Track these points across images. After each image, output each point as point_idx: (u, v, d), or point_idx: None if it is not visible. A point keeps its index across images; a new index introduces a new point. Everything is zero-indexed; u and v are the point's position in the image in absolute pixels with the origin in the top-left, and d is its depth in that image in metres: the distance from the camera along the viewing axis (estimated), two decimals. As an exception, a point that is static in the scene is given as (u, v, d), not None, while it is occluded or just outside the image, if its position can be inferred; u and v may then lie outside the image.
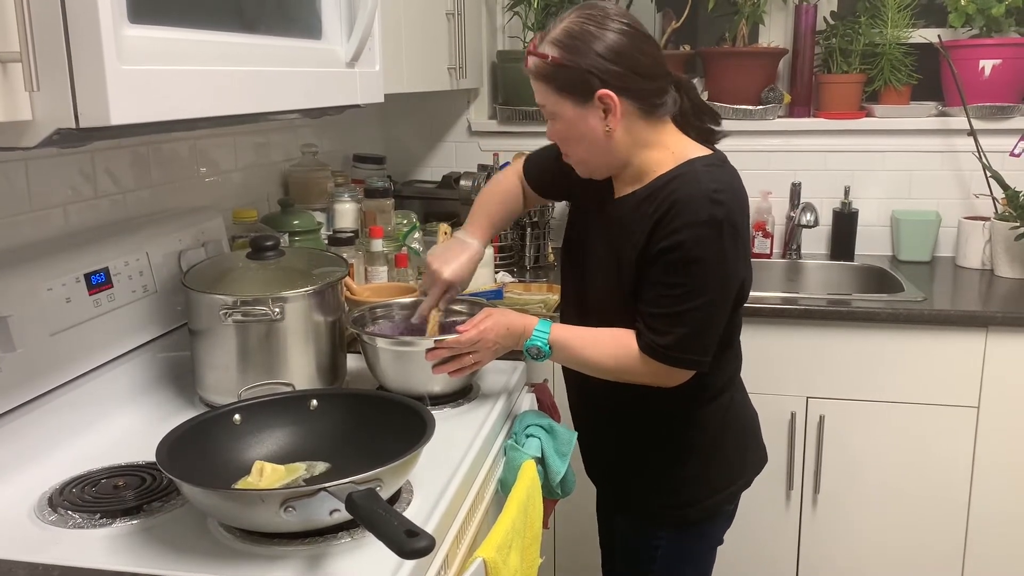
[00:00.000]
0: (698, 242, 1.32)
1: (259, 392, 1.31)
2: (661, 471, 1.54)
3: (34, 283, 1.28)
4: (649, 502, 1.57)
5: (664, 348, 1.36)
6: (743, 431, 1.59)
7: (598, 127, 1.37)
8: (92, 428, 1.37)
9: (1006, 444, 2.16)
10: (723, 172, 1.39)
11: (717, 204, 1.32)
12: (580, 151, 1.44)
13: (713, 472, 1.54)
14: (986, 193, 2.53)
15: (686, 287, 1.34)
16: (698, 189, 1.34)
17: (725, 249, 1.34)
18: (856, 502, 2.26)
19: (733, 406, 1.55)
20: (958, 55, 2.56)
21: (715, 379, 1.49)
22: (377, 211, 2.15)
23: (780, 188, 2.73)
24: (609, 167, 1.45)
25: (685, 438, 1.52)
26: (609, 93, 1.33)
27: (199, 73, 1.03)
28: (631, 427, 1.55)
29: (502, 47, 2.90)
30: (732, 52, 2.69)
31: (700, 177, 1.36)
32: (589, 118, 1.37)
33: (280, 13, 1.26)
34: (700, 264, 1.33)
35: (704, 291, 1.34)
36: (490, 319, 1.45)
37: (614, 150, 1.40)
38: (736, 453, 1.57)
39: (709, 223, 1.32)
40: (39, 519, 1.13)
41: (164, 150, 1.73)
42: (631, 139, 1.39)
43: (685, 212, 1.33)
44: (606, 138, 1.38)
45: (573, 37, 1.34)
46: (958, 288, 2.40)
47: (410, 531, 0.89)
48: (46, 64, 0.83)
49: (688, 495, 1.54)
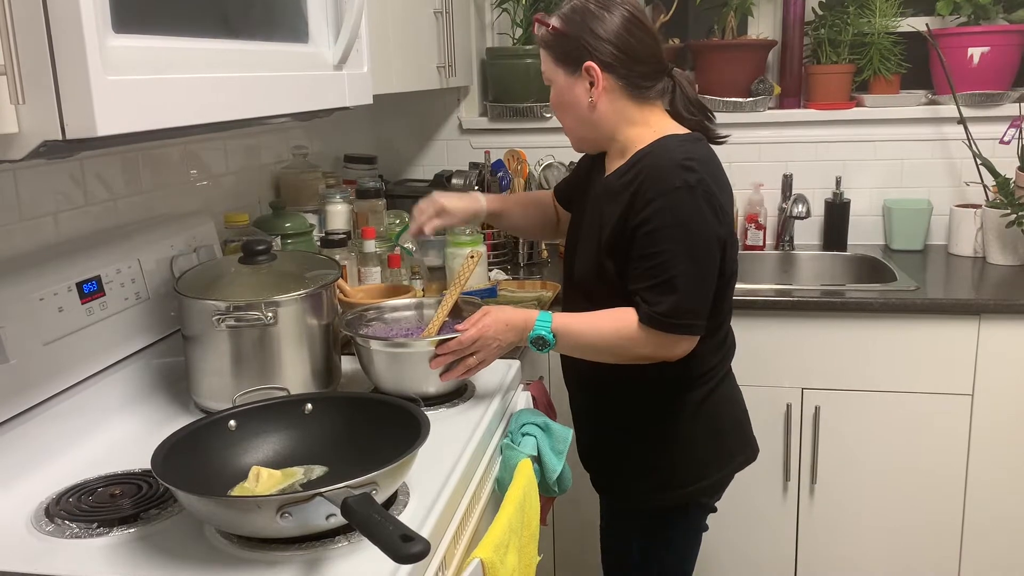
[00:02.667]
0: (673, 208, 1.38)
1: (254, 397, 1.31)
2: (639, 456, 1.58)
3: (26, 293, 1.28)
4: (627, 486, 1.61)
5: (661, 316, 1.39)
6: (724, 424, 1.60)
7: (583, 97, 1.48)
8: (88, 437, 1.37)
9: (1001, 431, 2.17)
10: (696, 146, 1.46)
11: (688, 170, 1.39)
12: (568, 119, 1.55)
13: (688, 462, 1.56)
14: (977, 181, 2.53)
15: (670, 252, 1.38)
16: (668, 159, 1.41)
17: (702, 210, 1.39)
18: (853, 492, 2.27)
19: (713, 398, 1.56)
20: (946, 43, 2.56)
21: (697, 368, 1.52)
22: (369, 212, 2.15)
23: (771, 180, 2.73)
24: (595, 140, 1.55)
25: (662, 425, 1.55)
26: (594, 66, 1.44)
27: (185, 81, 1.03)
28: (613, 411, 1.59)
29: (491, 44, 2.90)
30: (721, 44, 2.70)
31: (671, 149, 1.43)
32: (576, 88, 1.48)
33: (266, 18, 1.25)
34: (679, 228, 1.38)
35: (687, 254, 1.38)
36: (488, 316, 1.46)
37: (598, 122, 1.50)
38: (715, 445, 1.58)
39: (683, 188, 1.38)
40: (36, 529, 1.12)
41: (154, 155, 1.73)
42: (616, 115, 1.49)
43: (657, 181, 1.40)
44: (589, 109, 1.48)
45: (575, 12, 1.46)
46: (951, 276, 2.41)
47: (405, 536, 0.90)
48: (31, 76, 0.83)
49: (661, 481, 1.57)
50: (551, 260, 2.61)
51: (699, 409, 1.55)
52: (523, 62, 2.72)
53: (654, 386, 1.53)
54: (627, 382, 1.53)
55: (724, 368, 1.60)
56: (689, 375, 1.52)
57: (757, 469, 1.62)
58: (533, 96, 2.75)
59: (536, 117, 2.78)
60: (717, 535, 2.30)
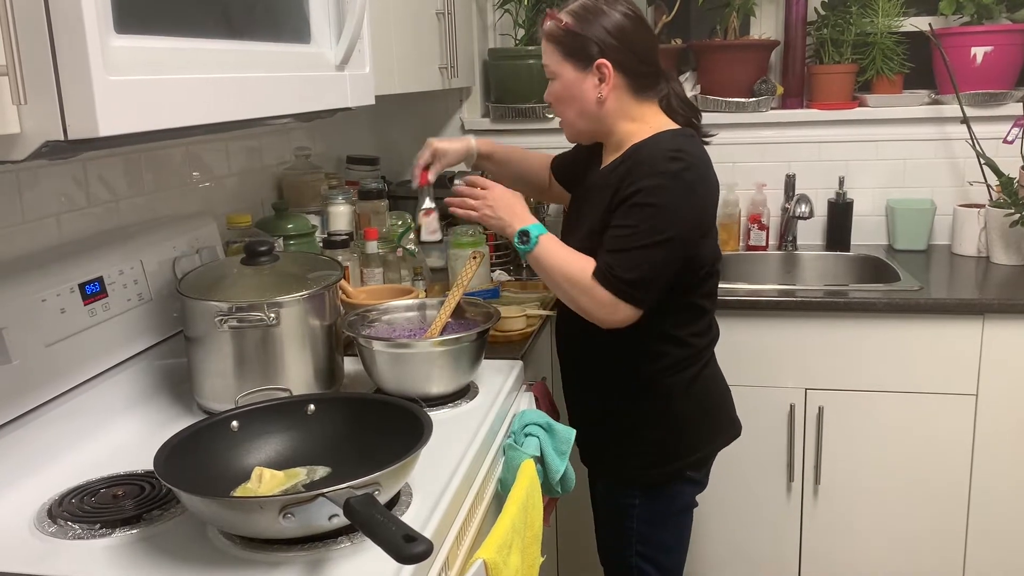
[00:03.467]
0: (652, 190, 1.47)
1: (256, 398, 1.30)
2: (631, 434, 1.65)
3: (28, 294, 1.28)
4: (621, 464, 1.68)
5: (615, 277, 1.47)
6: (710, 403, 1.68)
7: (591, 93, 1.55)
8: (90, 438, 1.37)
9: (1005, 431, 2.16)
10: (688, 141, 1.54)
11: (675, 160, 1.48)
12: (571, 113, 1.60)
13: (677, 438, 1.64)
14: (980, 180, 2.53)
15: (638, 228, 1.47)
16: (658, 149, 1.51)
17: (680, 198, 1.47)
18: (857, 492, 2.27)
19: (701, 378, 1.65)
20: (949, 43, 2.56)
21: (682, 351, 1.61)
22: (371, 213, 2.14)
23: (774, 180, 2.73)
24: (593, 133, 1.63)
25: (653, 404, 1.62)
26: (606, 63, 1.52)
27: (187, 81, 1.03)
28: (606, 390, 1.66)
29: (493, 45, 2.90)
30: (723, 45, 2.69)
31: (663, 142, 1.53)
32: (585, 83, 1.55)
33: (268, 18, 1.25)
34: (653, 208, 1.46)
35: (656, 233, 1.46)
36: (500, 188, 1.60)
37: (601, 116, 1.58)
38: (702, 423, 1.67)
39: (665, 174, 1.47)
40: (39, 531, 1.12)
41: (157, 156, 1.73)
42: (618, 110, 1.57)
43: (644, 165, 1.49)
44: (596, 104, 1.56)
45: (586, 10, 1.54)
46: (954, 276, 2.40)
47: (408, 536, 0.89)
48: (33, 77, 0.83)
49: (653, 457, 1.64)
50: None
51: (690, 387, 1.63)
52: (525, 63, 2.71)
53: (643, 368, 1.60)
54: (623, 364, 1.61)
55: (711, 350, 1.68)
56: (683, 355, 1.60)
57: (760, 470, 1.63)
58: (535, 97, 2.75)
59: (538, 118, 2.77)
60: (720, 534, 2.30)
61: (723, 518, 1.67)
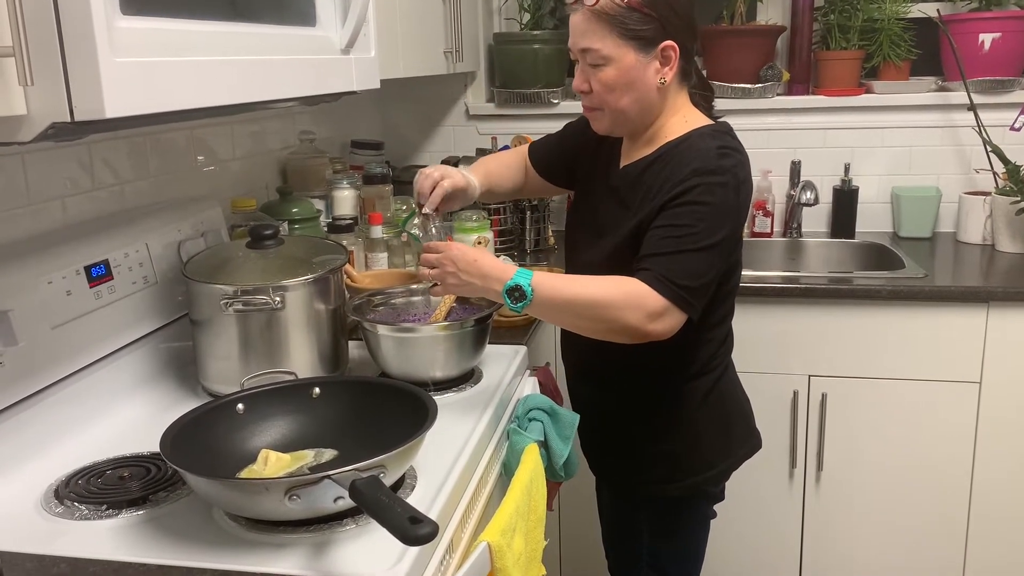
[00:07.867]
0: (705, 189, 1.35)
1: (261, 381, 1.31)
2: (641, 446, 1.56)
3: (34, 277, 1.28)
4: (630, 477, 1.60)
5: (670, 280, 1.32)
6: (727, 414, 1.59)
7: (652, 78, 1.40)
8: (96, 420, 1.38)
9: (1008, 419, 2.16)
10: (731, 138, 1.44)
11: (725, 156, 1.37)
12: (626, 100, 1.42)
13: (692, 452, 1.55)
14: (987, 168, 2.52)
15: (692, 228, 1.34)
16: (707, 145, 1.39)
17: (731, 198, 1.36)
18: (859, 479, 2.27)
19: (717, 389, 1.55)
20: (957, 29, 2.54)
21: (700, 356, 1.51)
22: (376, 197, 2.14)
23: (780, 166, 2.72)
24: (636, 125, 1.46)
25: (666, 415, 1.54)
26: (674, 45, 1.38)
27: (193, 64, 1.03)
28: (617, 400, 1.58)
29: (498, 29, 2.89)
30: (730, 31, 2.68)
31: (708, 139, 1.41)
32: (648, 68, 1.39)
33: (273, 1, 1.25)
34: (707, 207, 1.34)
35: (707, 235, 1.34)
36: (457, 248, 1.39)
37: (654, 105, 1.43)
38: (718, 436, 1.57)
39: (717, 171, 1.35)
40: (46, 511, 1.13)
41: (162, 140, 1.73)
42: (668, 99, 1.44)
43: (695, 162, 1.37)
44: (658, 92, 1.41)
45: None
46: (959, 264, 2.40)
47: (413, 517, 0.90)
48: (39, 58, 0.83)
49: (666, 472, 1.55)
50: (558, 247, 2.61)
51: (706, 399, 1.54)
52: (530, 47, 2.70)
53: (658, 376, 1.51)
54: (635, 371, 1.52)
55: (727, 359, 1.59)
56: (697, 362, 1.51)
57: (763, 456, 1.63)
58: (540, 82, 2.74)
59: (543, 103, 2.77)
60: (722, 522, 2.30)
61: (724, 504, 1.67)
